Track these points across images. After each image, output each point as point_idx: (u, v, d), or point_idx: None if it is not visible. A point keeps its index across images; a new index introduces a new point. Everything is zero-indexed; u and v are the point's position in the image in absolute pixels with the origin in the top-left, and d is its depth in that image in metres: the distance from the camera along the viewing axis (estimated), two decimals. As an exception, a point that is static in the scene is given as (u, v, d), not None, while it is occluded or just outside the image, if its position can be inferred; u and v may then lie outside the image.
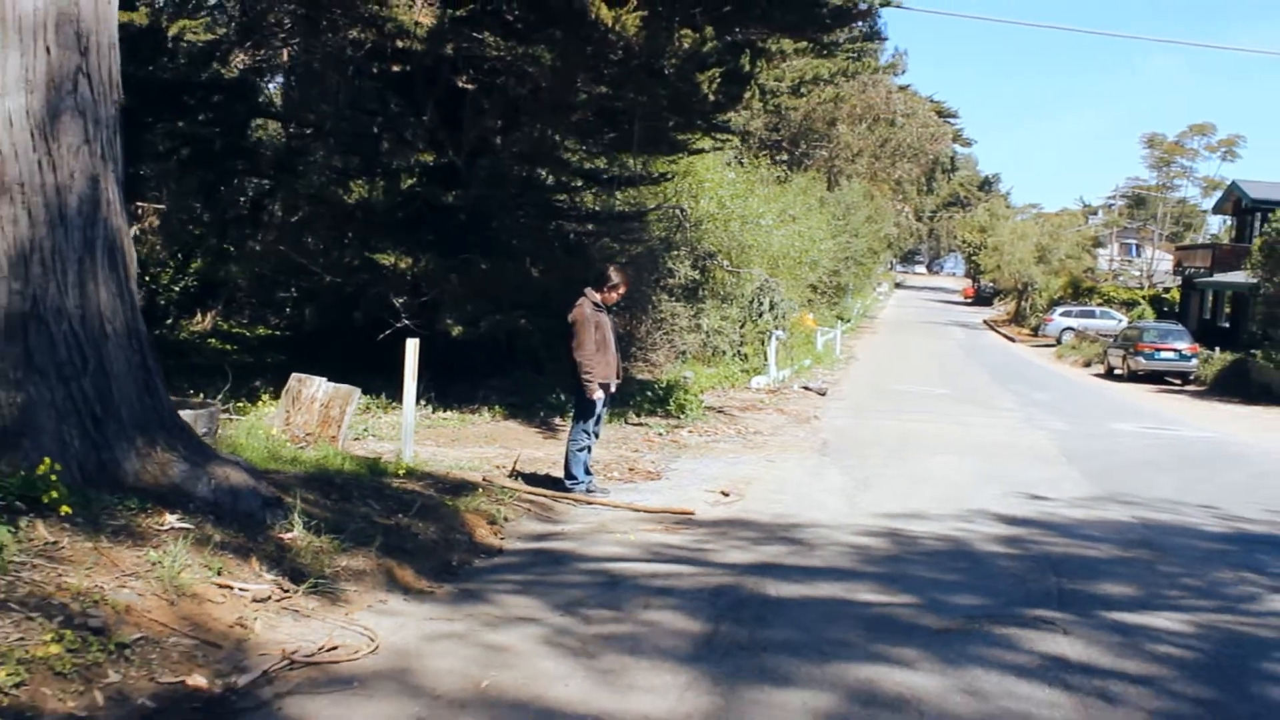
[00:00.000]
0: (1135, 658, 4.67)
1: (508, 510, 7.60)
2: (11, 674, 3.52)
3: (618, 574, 5.95)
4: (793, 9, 12.42)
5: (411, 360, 8.78)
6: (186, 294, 18.31)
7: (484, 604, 5.25)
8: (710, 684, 4.11)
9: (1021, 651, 4.68)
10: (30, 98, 5.47)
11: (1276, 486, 11.14)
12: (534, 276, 13.40)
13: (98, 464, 5.41)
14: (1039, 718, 3.88)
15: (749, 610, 5.24)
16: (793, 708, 3.88)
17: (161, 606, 4.38)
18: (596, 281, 8.89)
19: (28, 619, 3.91)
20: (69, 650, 3.77)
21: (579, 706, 3.86)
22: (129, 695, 3.71)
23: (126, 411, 5.61)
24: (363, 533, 5.88)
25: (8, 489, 4.78)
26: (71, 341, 5.47)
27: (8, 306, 5.36)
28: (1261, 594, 6.15)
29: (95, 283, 5.62)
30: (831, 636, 4.81)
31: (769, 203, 25.46)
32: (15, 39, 5.45)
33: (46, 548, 4.50)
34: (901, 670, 4.35)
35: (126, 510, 5.09)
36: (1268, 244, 25.78)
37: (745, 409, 16.37)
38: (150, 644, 4.05)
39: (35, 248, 5.44)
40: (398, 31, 10.85)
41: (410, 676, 4.11)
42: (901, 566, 6.45)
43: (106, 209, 5.73)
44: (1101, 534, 7.86)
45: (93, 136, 5.66)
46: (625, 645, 4.60)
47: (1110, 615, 5.39)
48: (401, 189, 11.97)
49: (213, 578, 4.78)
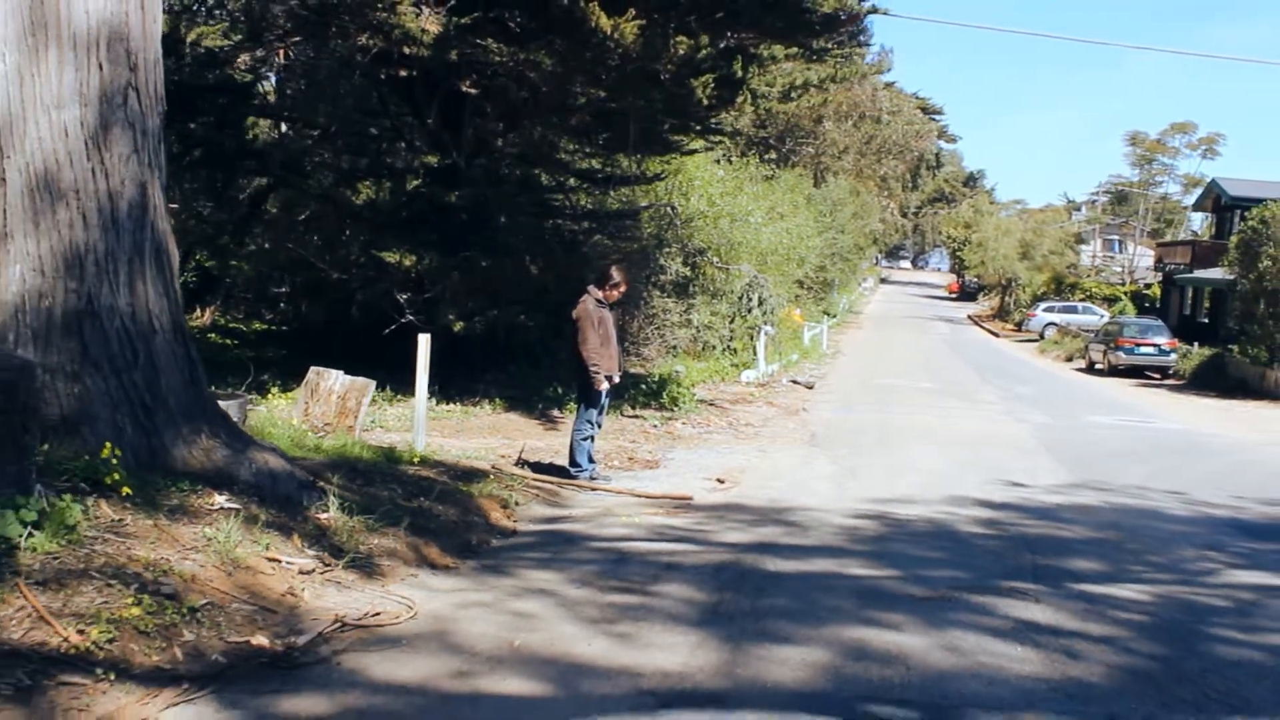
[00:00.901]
0: (1098, 622, 5.18)
1: (518, 496, 8.07)
2: (104, 631, 3.98)
3: (626, 552, 6.43)
4: (783, 15, 12.88)
5: (423, 354, 9.24)
6: (186, 289, 18.69)
7: (506, 578, 5.73)
8: (718, 643, 4.60)
9: (997, 617, 5.18)
10: (84, 110, 5.90)
11: (1242, 475, 11.69)
12: (533, 274, 13.87)
13: (149, 450, 5.86)
14: (1010, 670, 4.38)
15: (749, 583, 5.73)
16: (793, 662, 4.37)
17: (221, 577, 4.84)
18: (599, 280, 9.34)
19: (108, 585, 4.36)
20: (148, 613, 4.23)
21: (602, 661, 4.34)
22: (204, 651, 4.17)
23: (173, 401, 6.07)
24: (390, 514, 6.34)
25: (73, 472, 5.23)
26: (123, 336, 5.92)
27: (64, 304, 5.80)
28: (1219, 569, 6.68)
29: (144, 282, 6.07)
30: (825, 604, 5.30)
31: (757, 200, 25.95)
32: (70, 56, 5.88)
33: (113, 524, 4.95)
34: (889, 632, 4.84)
35: (179, 491, 5.54)
36: (1244, 241, 26.37)
37: (736, 402, 16.86)
38: (215, 609, 4.51)
39: (89, 249, 5.87)
40: (405, 38, 11.26)
41: (449, 637, 4.58)
42: (889, 545, 6.95)
43: (153, 213, 6.18)
44: (1074, 517, 8.39)
45: (141, 146, 6.11)
46: (638, 612, 5.08)
47: (1078, 587, 5.90)
48: (407, 189, 12.40)
49: (262, 552, 5.24)
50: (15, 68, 5.83)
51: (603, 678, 4.13)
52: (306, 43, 11.92)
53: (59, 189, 5.84)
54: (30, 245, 5.79)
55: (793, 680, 4.16)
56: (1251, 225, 26.07)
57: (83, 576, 4.38)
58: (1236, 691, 4.24)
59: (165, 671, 3.93)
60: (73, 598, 4.18)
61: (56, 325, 5.79)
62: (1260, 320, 25.09)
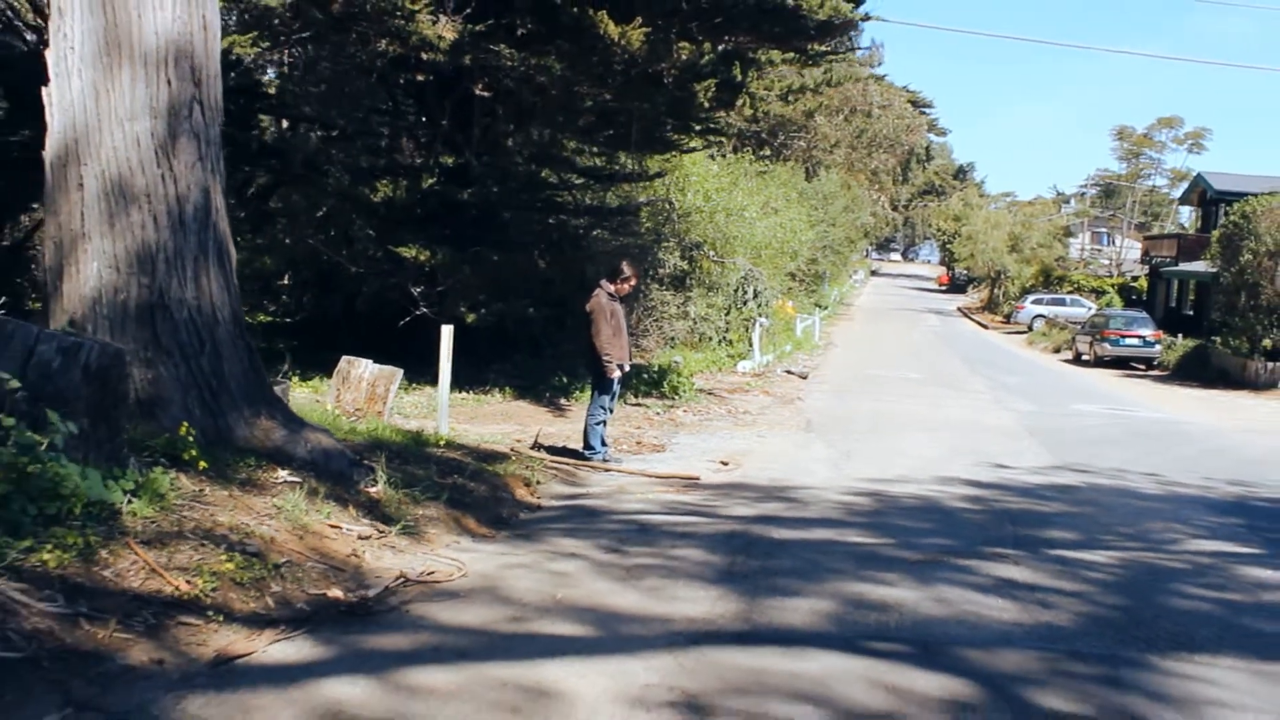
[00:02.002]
0: (1070, 580, 5.84)
1: (538, 475, 8.70)
2: (207, 582, 4.59)
3: (645, 523, 7.07)
4: (780, 21, 13.48)
5: (446, 345, 9.86)
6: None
7: (539, 544, 6.36)
8: (735, 596, 5.24)
9: (979, 575, 5.83)
10: (154, 122, 6.50)
11: (1215, 459, 12.36)
12: (540, 268, 14.48)
13: (215, 430, 6.48)
14: (990, 617, 5.03)
15: (758, 549, 6.37)
16: (801, 610, 5.02)
17: (293, 540, 5.46)
18: (610, 274, 9.96)
19: (202, 545, 4.98)
20: (240, 568, 4.85)
21: (636, 610, 4.97)
22: (290, 601, 4.79)
23: (235, 385, 6.69)
24: (430, 489, 6.96)
25: (155, 449, 5.84)
26: (190, 327, 6.53)
27: (137, 297, 6.42)
28: (1182, 539, 7.35)
29: (208, 277, 6.68)
30: (827, 566, 5.95)
31: (752, 196, 26.59)
32: (141, 72, 6.48)
33: (195, 494, 5.56)
34: (884, 587, 5.49)
35: (246, 467, 6.16)
36: (1225, 235, 27.09)
37: (733, 391, 17.51)
38: (294, 566, 5.13)
39: (160, 248, 6.48)
40: (422, 44, 11.84)
41: (499, 591, 5.21)
42: (882, 518, 7.60)
43: (215, 215, 6.79)
44: (1054, 495, 9.06)
45: (204, 154, 6.71)
46: (662, 572, 5.72)
47: (1053, 552, 6.57)
48: (422, 188, 12.99)
49: (324, 520, 5.86)
50: (91, 84, 6.44)
51: (638, 623, 4.77)
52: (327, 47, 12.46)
53: (132, 193, 6.44)
54: (106, 244, 6.39)
55: (802, 624, 4.81)
56: (1233, 220, 26.79)
57: (179, 537, 4.99)
58: (1183, 633, 4.90)
59: (261, 616, 4.55)
60: (174, 554, 4.80)
61: (131, 316, 6.40)
62: (1241, 312, 25.82)
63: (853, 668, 4.17)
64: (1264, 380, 24.77)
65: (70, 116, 6.47)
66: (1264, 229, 24.87)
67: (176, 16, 6.57)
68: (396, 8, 11.30)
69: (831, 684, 3.98)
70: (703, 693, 3.87)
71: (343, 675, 3.91)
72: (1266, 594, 5.82)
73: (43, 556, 4.32)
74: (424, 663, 4.09)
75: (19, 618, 3.85)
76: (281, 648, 4.21)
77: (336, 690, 3.75)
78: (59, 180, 6.53)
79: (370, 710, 3.59)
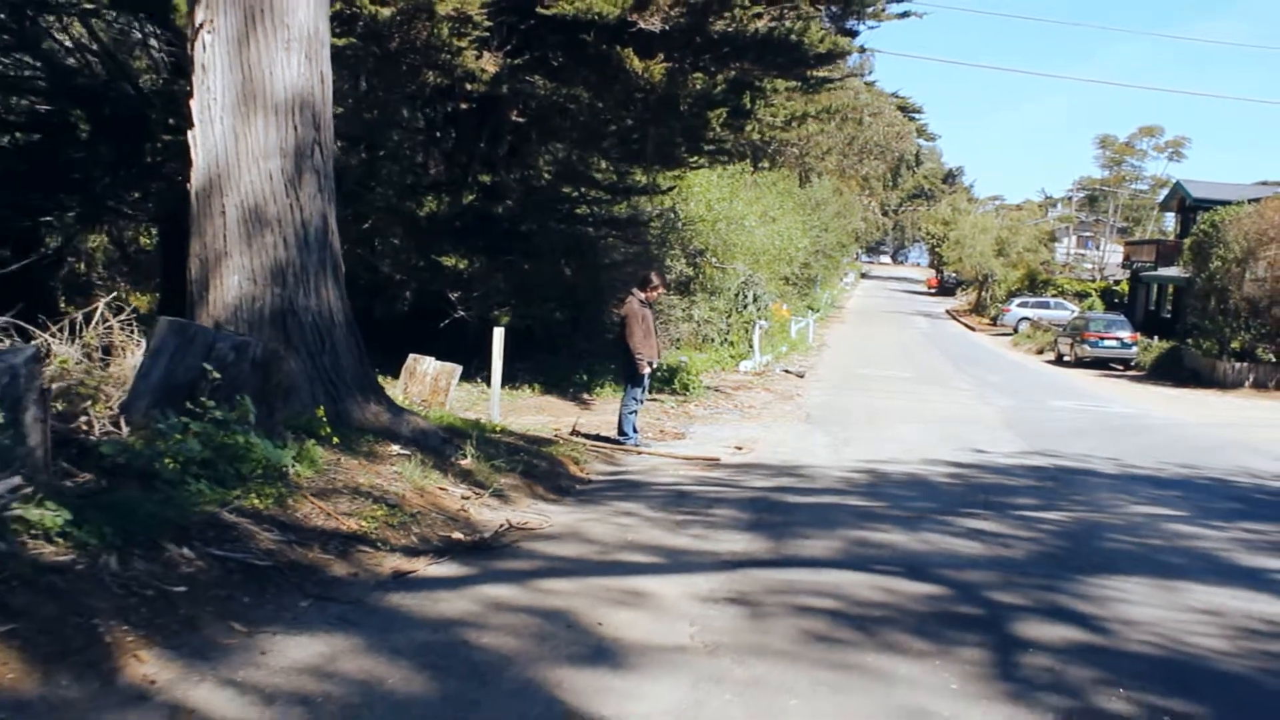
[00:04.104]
0: (1027, 530, 7.35)
1: (583, 456, 10.18)
2: (369, 523, 6.06)
3: (682, 491, 8.57)
4: (783, 53, 14.99)
5: (498, 346, 11.34)
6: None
7: (600, 506, 7.84)
8: (765, 539, 6.73)
9: (956, 526, 7.34)
10: (284, 160, 7.97)
11: (1171, 447, 13.89)
12: (566, 275, 15.97)
13: (336, 413, 7.94)
14: (962, 551, 6.53)
15: (778, 510, 7.87)
16: (818, 547, 6.51)
17: (416, 497, 6.93)
18: (641, 283, 11.45)
19: (355, 498, 6.45)
20: (387, 515, 6.32)
21: (689, 547, 6.46)
22: (428, 539, 6.25)
23: (349, 376, 8.17)
24: (506, 463, 8.44)
25: (297, 427, 7.31)
26: (314, 329, 8.00)
27: (271, 305, 7.88)
28: (1125, 505, 8.86)
29: (326, 288, 8.15)
30: (835, 519, 7.45)
31: (750, 205, 28.13)
32: (273, 119, 7.94)
33: (334, 462, 7.03)
34: (880, 533, 6.99)
35: (366, 442, 7.63)
36: (1196, 243, 28.71)
37: (737, 388, 19.00)
38: (423, 515, 6.60)
39: (288, 264, 7.95)
40: (466, 76, 13.31)
41: (582, 535, 6.69)
42: (877, 489, 9.11)
43: (331, 236, 8.27)
44: (1023, 473, 10.58)
45: (322, 186, 8.19)
46: (704, 524, 7.20)
47: (1016, 512, 8.08)
48: (462, 203, 14.46)
49: (434, 483, 7.34)
50: (231, 129, 7.90)
51: (692, 555, 6.26)
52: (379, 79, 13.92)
53: (265, 219, 7.91)
54: (245, 261, 7.86)
55: (820, 555, 6.31)
56: (1203, 229, 28.41)
57: (335, 492, 6.46)
58: (1108, 563, 6.41)
59: (412, 548, 6.02)
60: (336, 504, 6.27)
61: (266, 320, 7.87)
62: (1211, 316, 27.41)
63: (858, 579, 5.67)
64: (1231, 379, 26.36)
65: (213, 155, 7.94)
66: (1232, 238, 26.47)
67: (300, 73, 8.04)
68: (445, 45, 12.75)
69: (843, 588, 5.48)
70: (749, 593, 5.36)
71: (490, 583, 5.38)
72: (1180, 541, 7.35)
73: (251, 502, 5.80)
74: (546, 576, 5.57)
75: (256, 541, 5.33)
76: (436, 568, 5.68)
77: (491, 591, 5.22)
78: (203, 208, 8.00)
79: (521, 602, 5.06)
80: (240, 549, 5.13)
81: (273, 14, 7.87)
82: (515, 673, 4.08)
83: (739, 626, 4.79)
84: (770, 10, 13.59)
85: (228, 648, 4.14)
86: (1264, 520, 8.39)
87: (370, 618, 4.67)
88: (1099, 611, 5.26)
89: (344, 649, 4.23)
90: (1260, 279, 26.06)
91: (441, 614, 4.78)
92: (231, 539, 5.22)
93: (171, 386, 6.67)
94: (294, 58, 7.95)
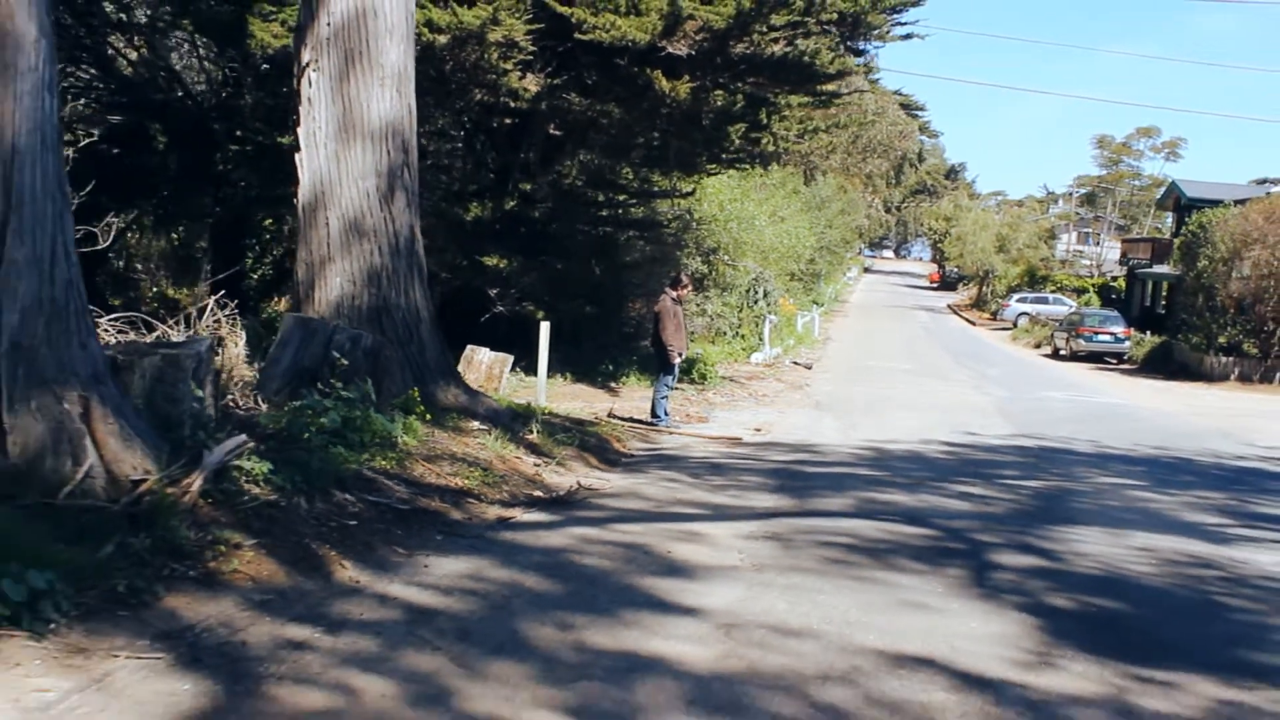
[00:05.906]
0: (1008, 493, 8.78)
1: (624, 435, 11.60)
2: (470, 481, 7.49)
3: (714, 463, 10.00)
4: (797, 71, 16.39)
5: (544, 338, 12.75)
6: (264, 281, 22.17)
7: (647, 474, 9.27)
8: (790, 497, 8.16)
9: (948, 490, 8.77)
10: (378, 180, 9.38)
11: (1149, 432, 15.28)
12: (596, 274, 17.40)
13: (423, 395, 9.33)
14: (952, 507, 7.97)
15: (798, 478, 9.29)
16: (834, 504, 7.95)
17: (499, 463, 8.36)
18: (673, 283, 12.87)
19: (454, 462, 7.87)
20: (482, 475, 7.74)
21: (729, 503, 7.88)
22: (516, 495, 7.67)
23: (433, 364, 9.59)
24: (564, 438, 9.86)
25: (396, 405, 8.72)
26: (404, 324, 9.42)
27: (368, 303, 9.30)
28: (1094, 475, 10.29)
29: (413, 289, 9.57)
30: (847, 484, 8.88)
31: (760, 205, 29.55)
32: (369, 144, 9.35)
33: (429, 435, 8.44)
34: (885, 495, 8.42)
35: (451, 419, 9.05)
36: (1185, 243, 30.07)
37: (750, 378, 20.41)
38: (508, 477, 8.02)
39: (382, 268, 9.37)
40: (510, 94, 14.71)
41: (639, 494, 8.12)
42: (883, 462, 10.53)
43: (417, 244, 9.68)
44: (1010, 451, 12.00)
45: (410, 202, 9.60)
46: (738, 487, 8.63)
47: (1001, 480, 9.52)
48: (504, 208, 15.89)
49: (511, 453, 8.76)
50: (333, 153, 9.31)
51: (732, 509, 7.68)
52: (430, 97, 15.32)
53: (363, 230, 9.32)
54: (345, 265, 9.28)
55: (836, 509, 7.75)
56: (1192, 230, 29.76)
57: (437, 458, 7.89)
58: (1072, 518, 7.84)
59: (507, 501, 7.44)
60: (441, 467, 7.69)
61: (364, 317, 9.28)
62: (1199, 312, 28.73)
63: (868, 525, 7.11)
64: (1218, 373, 27.71)
65: (318, 176, 9.36)
66: (1219, 238, 27.81)
67: (392, 105, 9.44)
68: (493, 67, 14.15)
69: (856, 530, 6.91)
70: (782, 533, 6.79)
71: (575, 526, 6.80)
72: (1136, 503, 8.78)
73: (379, 464, 7.22)
74: (619, 522, 6.99)
75: (393, 491, 6.75)
76: (529, 515, 7.10)
77: (579, 530, 6.64)
78: (309, 220, 9.42)
79: (605, 538, 6.48)
80: (384, 496, 6.57)
81: (369, 54, 9.28)
82: (616, 580, 5.51)
83: (777, 554, 6.23)
84: (785, 34, 14.96)
85: (398, 563, 5.56)
86: (1212, 489, 9.83)
87: (493, 547, 6.09)
88: (1057, 548, 6.69)
89: (483, 565, 5.65)
90: (1245, 278, 27.37)
91: (547, 544, 6.21)
92: (375, 489, 6.65)
93: (298, 370, 8.12)
94: (387, 92, 9.36)
